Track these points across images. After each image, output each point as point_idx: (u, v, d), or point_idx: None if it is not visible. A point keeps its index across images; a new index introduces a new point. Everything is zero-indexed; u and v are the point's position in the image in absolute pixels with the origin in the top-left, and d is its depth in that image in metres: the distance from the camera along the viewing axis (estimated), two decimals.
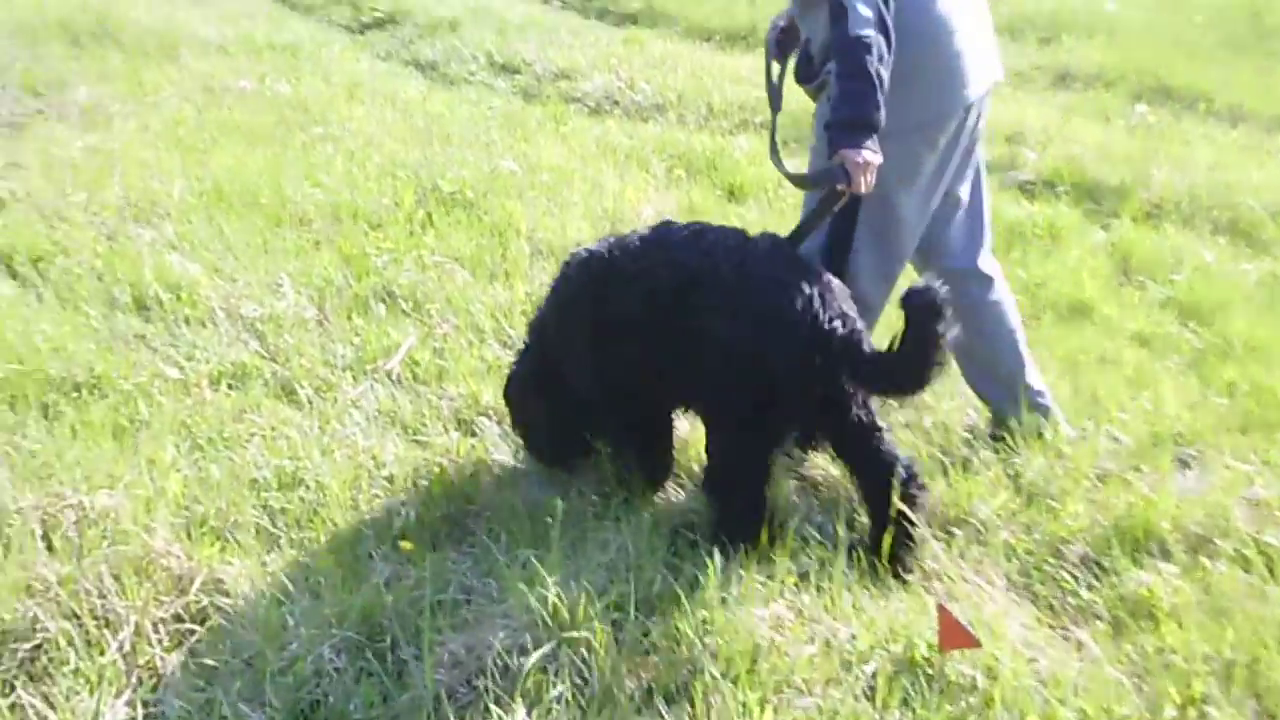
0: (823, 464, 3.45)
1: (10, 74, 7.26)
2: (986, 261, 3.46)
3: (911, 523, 2.90)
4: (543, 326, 3.32)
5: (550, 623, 2.61)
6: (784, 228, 3.06)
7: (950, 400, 3.82)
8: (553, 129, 6.96)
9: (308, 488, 3.36)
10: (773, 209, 5.69)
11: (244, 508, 3.24)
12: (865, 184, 2.77)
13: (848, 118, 2.75)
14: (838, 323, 2.75)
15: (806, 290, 2.74)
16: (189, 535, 3.13)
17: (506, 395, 3.49)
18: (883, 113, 2.74)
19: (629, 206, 5.51)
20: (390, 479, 3.44)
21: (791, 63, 3.22)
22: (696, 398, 3.04)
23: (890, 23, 2.74)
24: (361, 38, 9.44)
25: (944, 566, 2.99)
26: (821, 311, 2.73)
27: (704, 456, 3.08)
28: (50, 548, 3.07)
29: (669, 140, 6.61)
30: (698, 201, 5.67)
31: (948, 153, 3.14)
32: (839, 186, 2.79)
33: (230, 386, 4.06)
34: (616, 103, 7.64)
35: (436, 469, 3.45)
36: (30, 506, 3.19)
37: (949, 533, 3.17)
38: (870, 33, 2.69)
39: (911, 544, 2.94)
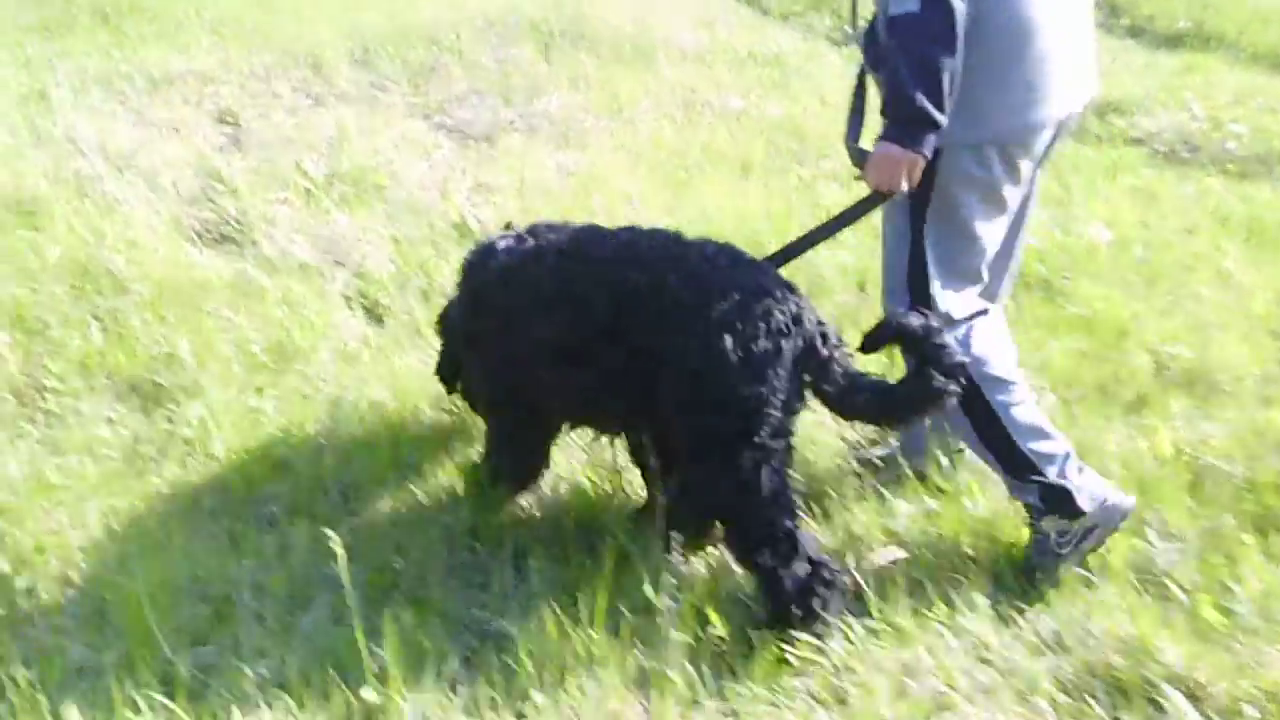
0: None
1: (487, 78, 6.57)
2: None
3: None
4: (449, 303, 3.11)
5: None
6: None
7: None
8: (1107, 180, 5.30)
9: None
10: None
11: None
12: (886, 182, 2.42)
13: (886, 106, 2.39)
14: (825, 330, 2.48)
15: (778, 294, 2.44)
16: None
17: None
18: (923, 102, 2.29)
19: None
20: None
21: None
22: (653, 426, 2.64)
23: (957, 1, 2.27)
24: (846, 50, 8.15)
25: None
26: (804, 317, 2.44)
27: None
28: None
29: None
30: None
31: (1027, 173, 2.64)
32: (856, 176, 2.54)
33: None
34: (1197, 148, 5.82)
35: None
36: None
37: None
38: (912, 10, 2.27)
39: None
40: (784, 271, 2.62)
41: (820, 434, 3.29)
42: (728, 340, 2.36)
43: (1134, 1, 8.72)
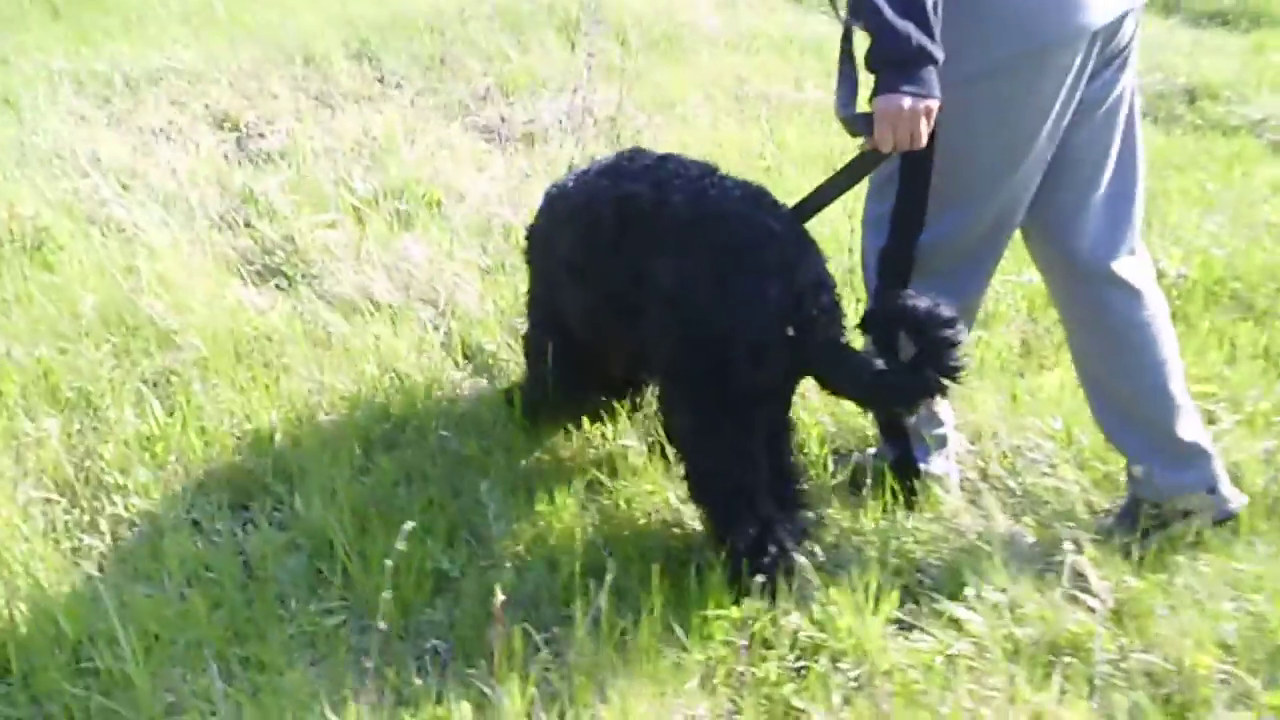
0: None
1: (510, 72, 5.88)
2: (1133, 264, 2.44)
3: None
4: None
5: None
6: None
7: None
8: (1244, 175, 4.79)
9: None
10: None
11: None
12: (894, 140, 2.06)
13: (874, 54, 2.04)
14: (823, 296, 2.24)
15: (782, 236, 2.24)
16: None
17: None
18: (915, 37, 1.98)
19: None
20: None
21: None
22: (645, 362, 2.55)
23: None
24: None
25: None
26: (801, 269, 2.23)
27: None
28: None
29: None
30: None
31: (1063, 100, 2.22)
32: (862, 141, 2.15)
33: None
34: None
35: None
36: None
37: None
38: None
39: None
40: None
41: None
42: (706, 264, 2.23)
43: None
